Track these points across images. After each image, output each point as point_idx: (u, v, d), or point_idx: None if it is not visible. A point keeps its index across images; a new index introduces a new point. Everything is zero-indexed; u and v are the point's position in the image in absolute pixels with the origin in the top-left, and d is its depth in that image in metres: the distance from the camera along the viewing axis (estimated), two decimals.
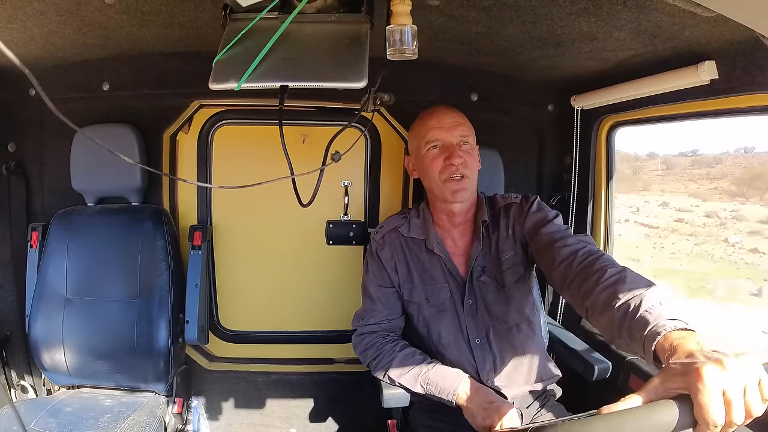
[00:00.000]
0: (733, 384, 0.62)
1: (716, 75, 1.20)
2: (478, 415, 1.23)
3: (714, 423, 0.61)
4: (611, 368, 1.47)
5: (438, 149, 1.37)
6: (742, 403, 0.62)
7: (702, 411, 0.61)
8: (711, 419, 0.61)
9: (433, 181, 1.38)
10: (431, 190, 1.42)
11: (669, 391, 0.66)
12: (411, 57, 1.02)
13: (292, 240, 2.03)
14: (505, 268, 1.41)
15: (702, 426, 0.62)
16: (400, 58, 1.02)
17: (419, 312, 1.45)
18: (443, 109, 1.41)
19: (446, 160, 1.35)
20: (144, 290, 1.71)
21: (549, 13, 1.16)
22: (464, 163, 1.35)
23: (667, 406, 0.63)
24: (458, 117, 1.40)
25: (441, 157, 1.36)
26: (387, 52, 1.02)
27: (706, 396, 0.61)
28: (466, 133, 1.39)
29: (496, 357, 1.40)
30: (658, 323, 0.83)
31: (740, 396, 0.62)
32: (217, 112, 1.93)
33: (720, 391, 0.62)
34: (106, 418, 1.56)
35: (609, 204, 1.84)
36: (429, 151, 1.38)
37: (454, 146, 1.36)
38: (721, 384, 0.62)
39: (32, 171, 1.86)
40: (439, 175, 1.36)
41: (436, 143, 1.37)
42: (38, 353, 1.71)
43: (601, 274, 1.04)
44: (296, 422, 2.12)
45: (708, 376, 0.62)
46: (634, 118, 1.67)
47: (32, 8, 1.20)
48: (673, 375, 0.67)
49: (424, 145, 1.38)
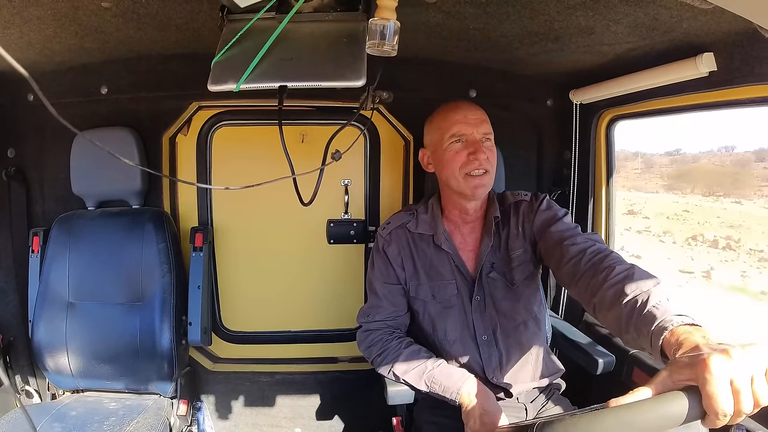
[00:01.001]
0: (740, 373, 0.62)
1: (714, 67, 1.20)
2: (470, 420, 1.23)
3: (723, 412, 0.61)
4: (615, 362, 1.47)
5: (461, 144, 1.36)
6: (750, 392, 0.62)
7: (710, 401, 0.61)
8: (720, 409, 0.61)
9: (451, 175, 1.37)
10: (448, 184, 1.41)
11: (677, 383, 0.66)
12: (390, 53, 1.01)
13: (293, 239, 2.03)
14: (515, 265, 1.41)
15: (711, 416, 0.62)
16: (379, 53, 1.01)
17: (425, 308, 1.45)
18: (468, 105, 1.41)
19: (471, 155, 1.34)
20: (146, 293, 1.71)
21: (546, 7, 1.15)
22: (488, 159, 1.35)
23: (676, 397, 0.63)
24: (482, 114, 1.40)
25: (465, 152, 1.35)
26: (366, 45, 1.01)
27: (713, 386, 0.62)
28: (489, 131, 1.39)
29: (502, 354, 1.40)
30: (665, 318, 0.84)
31: (748, 385, 0.62)
32: (216, 113, 1.93)
33: (728, 381, 0.62)
34: (111, 421, 1.56)
35: (609, 198, 1.84)
36: (452, 145, 1.37)
37: (479, 142, 1.35)
38: (729, 373, 0.62)
39: (32, 176, 1.86)
40: (460, 170, 1.35)
41: (461, 138, 1.36)
42: (42, 358, 1.71)
43: (609, 271, 1.05)
44: (301, 422, 2.12)
45: (715, 366, 0.62)
46: (633, 112, 1.67)
47: (29, 13, 1.20)
48: (680, 367, 0.67)
49: (448, 138, 1.37)
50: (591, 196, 1.86)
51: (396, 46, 1.01)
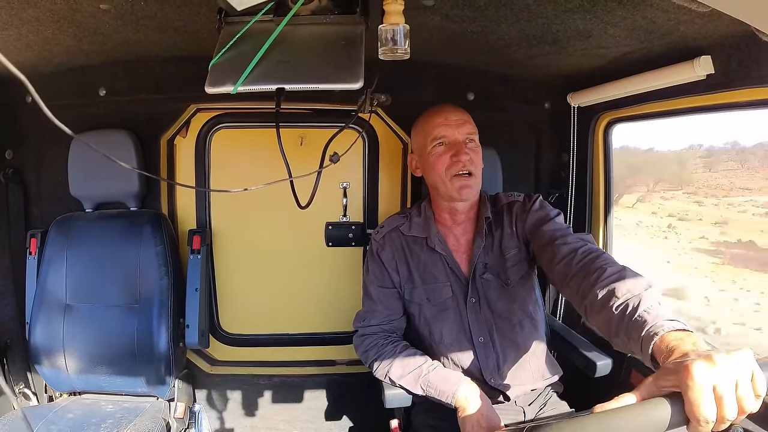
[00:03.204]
0: (723, 379, 0.61)
1: (712, 70, 1.20)
2: (467, 424, 1.23)
3: (705, 419, 0.60)
4: (612, 364, 1.47)
5: (444, 146, 1.37)
6: (734, 398, 0.61)
7: (692, 407, 0.61)
8: (702, 415, 0.60)
9: (438, 178, 1.38)
10: (435, 187, 1.42)
11: (662, 390, 0.66)
12: (403, 56, 1.02)
13: (291, 242, 2.03)
14: (509, 265, 1.41)
15: (693, 423, 0.61)
16: (392, 57, 1.02)
17: (420, 312, 1.45)
18: (450, 107, 1.42)
19: (453, 156, 1.35)
20: (144, 295, 1.71)
21: (544, 10, 1.16)
22: (471, 161, 1.36)
23: (659, 403, 0.63)
24: (464, 115, 1.41)
25: (447, 154, 1.36)
26: (379, 52, 1.01)
27: (695, 392, 0.61)
28: (472, 131, 1.40)
29: (499, 355, 1.40)
30: (656, 323, 0.83)
31: (731, 391, 0.61)
32: (215, 115, 1.92)
33: (710, 387, 0.61)
34: (108, 423, 1.56)
35: (607, 201, 1.84)
36: (435, 148, 1.37)
37: (461, 143, 1.36)
38: (711, 379, 0.61)
39: (30, 178, 1.86)
40: (446, 172, 1.36)
41: (443, 140, 1.37)
42: (39, 360, 1.70)
43: (601, 272, 1.04)
44: (299, 425, 2.11)
45: (697, 372, 0.62)
46: (630, 115, 1.67)
47: (27, 15, 1.19)
48: (665, 373, 0.67)
49: (431, 141, 1.38)
50: (589, 199, 1.86)
51: (408, 50, 1.01)
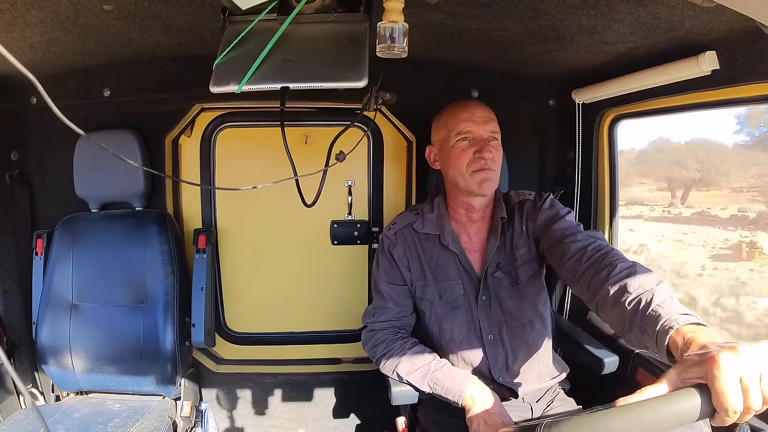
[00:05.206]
0: (749, 370, 0.62)
1: (717, 65, 1.19)
2: (474, 422, 1.23)
3: (733, 410, 0.61)
4: (619, 362, 1.47)
5: (468, 142, 1.36)
6: (759, 390, 0.62)
7: (720, 398, 0.61)
8: (730, 406, 0.61)
9: (458, 172, 1.37)
10: (455, 182, 1.41)
11: (686, 382, 0.67)
12: (400, 55, 1.01)
13: (296, 241, 2.04)
14: (519, 264, 1.41)
15: (721, 413, 0.62)
16: (389, 55, 1.01)
17: (431, 309, 1.44)
18: (476, 103, 1.41)
19: (476, 153, 1.34)
20: (150, 294, 1.72)
21: (548, 7, 1.15)
22: (493, 158, 1.35)
23: (687, 394, 0.63)
24: (490, 113, 1.40)
25: (471, 150, 1.35)
26: (377, 49, 1.01)
27: (723, 383, 0.62)
28: (496, 130, 1.39)
29: (508, 354, 1.40)
30: (671, 317, 0.84)
31: (757, 383, 0.62)
32: (219, 115, 1.93)
33: (737, 378, 0.62)
34: (114, 422, 1.56)
35: (613, 197, 1.83)
36: (459, 143, 1.37)
37: (485, 140, 1.36)
38: (738, 371, 0.62)
39: (35, 179, 1.86)
40: (467, 167, 1.35)
41: (467, 135, 1.36)
42: (46, 360, 1.71)
43: (611, 268, 1.05)
44: (304, 423, 2.12)
45: (724, 364, 0.62)
46: (635, 111, 1.66)
47: (32, 16, 1.20)
48: (689, 365, 0.68)
49: (455, 135, 1.37)
50: (594, 195, 1.85)
51: (406, 48, 1.00)
